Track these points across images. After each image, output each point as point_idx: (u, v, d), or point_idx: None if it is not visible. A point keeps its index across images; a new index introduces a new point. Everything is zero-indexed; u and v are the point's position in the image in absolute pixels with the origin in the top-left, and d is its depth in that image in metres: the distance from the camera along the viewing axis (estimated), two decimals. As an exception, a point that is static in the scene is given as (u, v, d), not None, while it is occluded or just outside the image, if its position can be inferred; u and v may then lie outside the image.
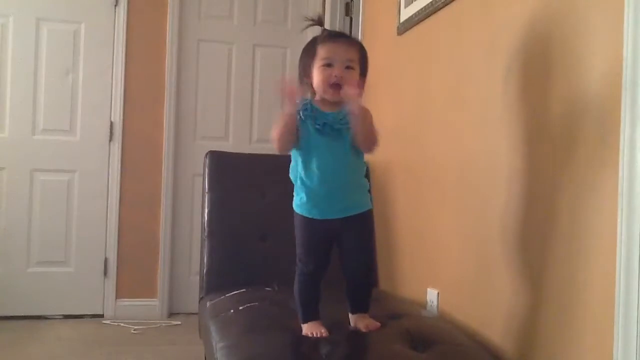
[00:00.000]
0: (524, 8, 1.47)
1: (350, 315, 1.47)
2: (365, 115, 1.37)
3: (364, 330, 1.43)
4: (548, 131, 1.37)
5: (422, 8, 2.05)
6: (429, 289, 1.95)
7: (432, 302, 1.91)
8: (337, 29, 3.19)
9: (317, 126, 1.37)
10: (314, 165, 1.38)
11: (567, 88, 1.30)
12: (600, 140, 1.19)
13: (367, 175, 1.54)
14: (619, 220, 1.10)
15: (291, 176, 1.45)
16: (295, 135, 1.38)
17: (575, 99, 1.27)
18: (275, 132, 1.38)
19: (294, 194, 1.45)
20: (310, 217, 1.42)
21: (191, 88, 3.39)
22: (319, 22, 1.45)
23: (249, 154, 2.43)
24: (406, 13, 2.21)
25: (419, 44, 2.15)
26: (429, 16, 2.02)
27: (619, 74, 1.11)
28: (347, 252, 1.44)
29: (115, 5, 3.23)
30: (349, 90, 1.33)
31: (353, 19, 3.26)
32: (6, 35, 3.11)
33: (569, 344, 1.26)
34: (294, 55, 3.51)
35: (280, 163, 1.55)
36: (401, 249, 2.24)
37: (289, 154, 1.44)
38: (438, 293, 1.89)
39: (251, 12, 3.48)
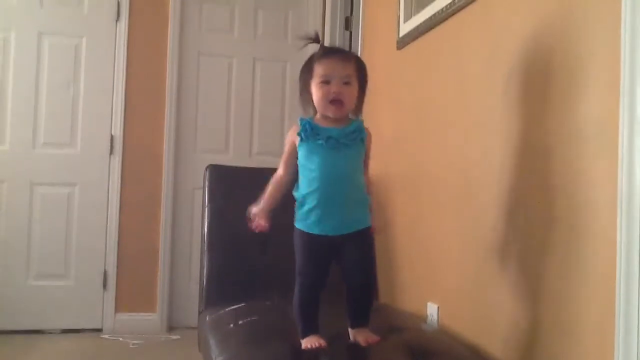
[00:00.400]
0: (523, 22, 1.49)
1: (350, 330, 1.46)
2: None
3: (363, 344, 1.42)
4: (548, 142, 1.37)
5: (421, 23, 2.07)
6: (429, 303, 1.94)
7: (433, 315, 1.90)
8: (336, 44, 3.22)
9: (320, 142, 1.38)
10: (316, 182, 1.38)
11: (567, 99, 1.31)
12: (599, 149, 1.19)
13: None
14: (618, 227, 1.10)
15: (294, 193, 1.45)
16: (283, 187, 1.45)
17: (575, 110, 1.28)
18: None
19: (296, 209, 1.45)
20: (310, 232, 1.41)
21: (191, 101, 3.41)
22: (316, 39, 1.46)
23: (249, 168, 2.43)
24: (405, 28, 2.23)
25: (419, 58, 2.16)
26: (428, 31, 2.03)
27: (618, 82, 1.12)
28: (348, 268, 1.43)
29: (117, 20, 3.26)
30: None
31: (353, 33, 3.28)
32: (8, 49, 3.14)
33: (569, 356, 1.25)
34: (293, 69, 3.54)
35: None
36: (401, 262, 2.24)
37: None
38: (438, 307, 1.89)
39: (251, 26, 3.51)
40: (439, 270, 1.91)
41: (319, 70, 1.40)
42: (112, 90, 3.25)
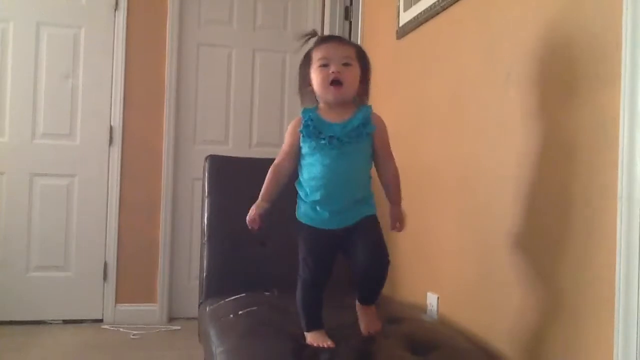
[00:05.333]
0: (523, 12, 1.48)
1: (357, 303, 1.43)
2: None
3: (364, 332, 1.41)
4: (548, 135, 1.37)
5: (421, 12, 2.05)
6: (428, 293, 1.94)
7: (432, 306, 1.91)
8: (336, 33, 3.21)
9: (323, 141, 1.33)
10: (318, 178, 1.35)
11: (568, 92, 1.30)
12: (602, 143, 1.19)
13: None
14: (618, 224, 1.10)
15: (297, 185, 1.43)
16: (282, 180, 1.42)
17: (575, 103, 1.27)
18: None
19: (298, 201, 1.43)
20: (312, 225, 1.39)
21: (191, 92, 3.40)
22: (314, 34, 1.44)
23: (249, 158, 2.42)
24: (405, 17, 2.21)
25: (419, 48, 2.15)
26: (428, 20, 2.02)
27: (618, 76, 1.11)
28: (356, 251, 1.37)
29: (115, 9, 3.24)
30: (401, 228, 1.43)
31: (352, 23, 3.27)
32: (6, 39, 3.12)
33: (571, 347, 1.26)
34: (293, 60, 3.52)
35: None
36: (401, 253, 2.23)
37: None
38: (438, 297, 1.89)
39: (251, 17, 3.49)
40: (439, 260, 1.91)
41: (317, 54, 1.37)
42: (111, 81, 3.24)
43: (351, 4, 3.31)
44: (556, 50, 1.35)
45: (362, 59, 1.40)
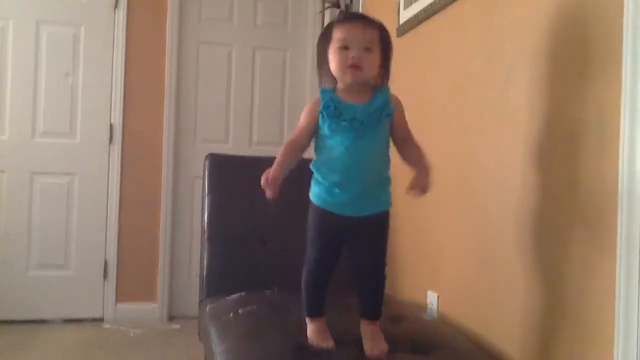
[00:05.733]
0: (525, 11, 1.47)
1: (361, 323, 1.39)
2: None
3: (368, 354, 1.33)
4: (548, 133, 1.36)
5: (421, 10, 2.05)
6: (429, 292, 1.94)
7: (432, 304, 1.90)
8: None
9: (344, 123, 1.29)
10: (338, 159, 1.30)
11: (569, 90, 1.30)
12: (600, 140, 1.18)
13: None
14: (618, 223, 1.10)
15: (312, 167, 1.36)
16: (297, 153, 1.33)
17: (576, 102, 1.27)
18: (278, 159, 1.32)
19: (312, 183, 1.37)
20: (326, 209, 1.34)
21: (191, 90, 3.39)
22: (337, 4, 1.37)
23: (249, 157, 2.42)
24: (405, 15, 2.21)
25: (419, 46, 2.14)
26: (428, 18, 2.02)
27: (619, 74, 1.11)
28: (359, 255, 1.36)
29: (115, 7, 3.23)
30: (423, 189, 1.29)
31: (353, 21, 3.25)
32: (6, 38, 3.12)
33: (572, 347, 1.25)
34: (293, 58, 3.52)
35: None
36: (401, 251, 2.23)
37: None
38: (438, 296, 1.88)
39: (251, 15, 3.48)
40: (439, 258, 1.91)
41: (337, 34, 1.29)
42: (111, 79, 3.23)
43: (351, 2, 3.30)
44: (557, 49, 1.34)
45: (385, 41, 1.34)
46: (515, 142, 1.48)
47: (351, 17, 1.34)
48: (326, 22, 1.38)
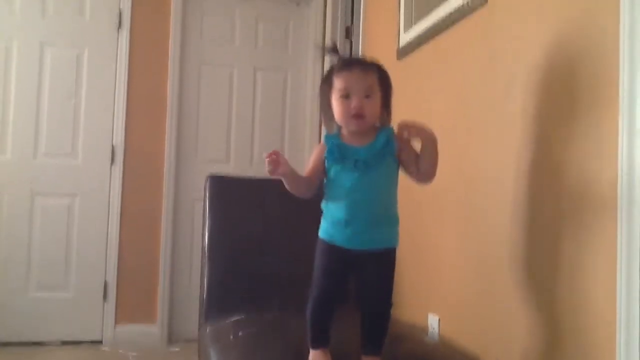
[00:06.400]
0: (523, 32, 1.48)
1: (362, 355, 1.38)
2: (434, 141, 1.34)
3: None
4: (549, 152, 1.36)
5: (421, 33, 2.06)
6: (430, 315, 1.93)
7: (433, 327, 1.89)
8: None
9: (349, 165, 1.33)
10: (344, 200, 1.33)
11: (568, 109, 1.30)
12: (601, 155, 1.18)
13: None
14: (618, 235, 1.09)
15: (322, 204, 1.40)
16: (307, 181, 1.37)
17: (575, 119, 1.27)
18: (288, 189, 1.36)
19: (322, 220, 1.40)
20: (332, 243, 1.36)
21: (193, 111, 3.41)
22: (335, 49, 1.42)
23: (250, 178, 2.42)
24: (406, 37, 2.23)
25: (419, 68, 2.16)
26: (428, 41, 2.03)
27: (616, 89, 1.11)
28: (364, 289, 1.37)
29: (119, 29, 3.26)
30: (412, 132, 1.33)
31: (353, 43, 3.29)
32: (10, 59, 3.14)
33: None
34: (294, 79, 3.54)
35: (281, 187, 1.53)
36: (401, 273, 2.21)
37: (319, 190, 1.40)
38: (439, 319, 1.87)
39: (252, 36, 3.52)
40: (440, 281, 1.90)
41: (338, 83, 1.34)
42: (114, 100, 3.25)
43: (352, 23, 3.33)
44: (555, 67, 1.35)
45: (384, 83, 1.39)
46: (517, 163, 1.48)
47: (349, 64, 1.38)
48: (326, 59, 1.42)
